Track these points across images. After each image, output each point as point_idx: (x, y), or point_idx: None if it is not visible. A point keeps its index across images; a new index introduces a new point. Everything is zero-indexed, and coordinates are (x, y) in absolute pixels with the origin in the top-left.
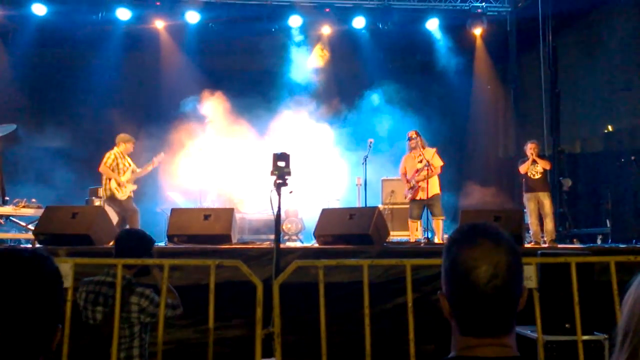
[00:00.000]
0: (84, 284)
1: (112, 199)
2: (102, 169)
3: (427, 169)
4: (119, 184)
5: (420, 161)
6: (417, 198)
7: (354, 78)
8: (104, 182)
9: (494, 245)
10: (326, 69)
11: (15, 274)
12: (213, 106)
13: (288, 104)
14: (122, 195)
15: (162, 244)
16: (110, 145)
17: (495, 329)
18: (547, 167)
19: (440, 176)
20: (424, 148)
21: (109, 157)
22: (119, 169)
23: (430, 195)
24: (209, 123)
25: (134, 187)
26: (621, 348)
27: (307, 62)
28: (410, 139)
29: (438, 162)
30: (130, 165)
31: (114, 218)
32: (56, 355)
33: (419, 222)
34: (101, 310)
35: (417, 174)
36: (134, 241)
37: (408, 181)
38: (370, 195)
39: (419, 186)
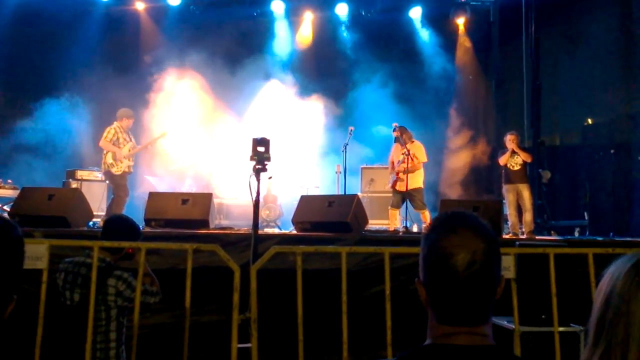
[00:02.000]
0: (63, 264)
1: (107, 174)
2: (102, 143)
3: (407, 158)
4: (115, 159)
5: (403, 153)
6: (397, 189)
7: (336, 65)
8: (103, 156)
9: (473, 233)
10: (308, 56)
11: None
12: (193, 89)
13: (268, 89)
14: (116, 170)
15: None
16: (88, 126)
17: (472, 318)
18: (528, 159)
19: (424, 169)
20: (412, 142)
21: (109, 131)
22: (119, 143)
23: (409, 188)
24: (188, 106)
25: (131, 162)
26: (595, 341)
27: (288, 48)
28: (395, 136)
29: (422, 157)
30: (130, 140)
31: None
32: (31, 336)
33: (398, 212)
34: (79, 291)
35: (397, 165)
36: (124, 228)
37: (393, 170)
38: (349, 183)
39: (398, 177)
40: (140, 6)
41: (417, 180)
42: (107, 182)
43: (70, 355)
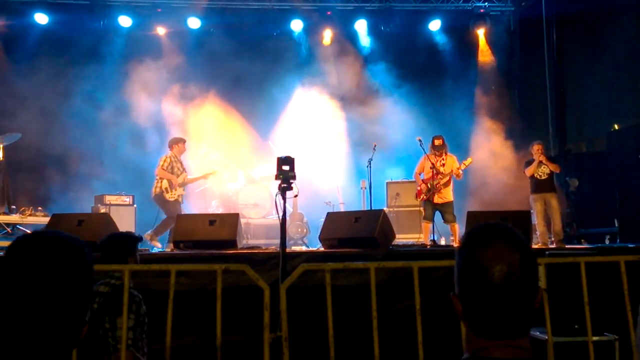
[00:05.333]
0: None
1: (159, 198)
2: (158, 171)
3: (449, 178)
4: (169, 186)
5: (443, 165)
6: (433, 201)
7: (357, 81)
8: (155, 180)
9: (508, 245)
10: (329, 72)
11: (65, 260)
12: (216, 110)
13: (291, 107)
14: (170, 196)
15: (167, 250)
16: (114, 152)
17: (511, 331)
18: (557, 170)
19: (453, 182)
20: (447, 154)
21: (165, 160)
22: (174, 172)
23: (444, 201)
24: (212, 127)
25: (183, 191)
26: None
27: (309, 66)
28: (437, 144)
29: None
30: (183, 170)
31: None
32: None
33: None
34: (95, 307)
35: (438, 177)
36: (116, 246)
37: (423, 181)
38: (374, 198)
39: (438, 189)
40: (161, 31)
41: (449, 193)
42: (159, 206)
43: None
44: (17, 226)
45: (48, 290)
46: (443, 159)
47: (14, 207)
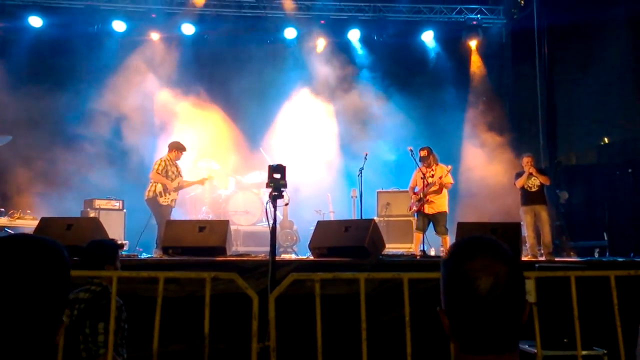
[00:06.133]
0: None
1: (153, 201)
2: (152, 175)
3: (438, 187)
4: (163, 190)
5: (432, 176)
6: (425, 212)
7: (349, 90)
8: (150, 184)
9: (494, 257)
10: (321, 81)
11: (42, 262)
12: (209, 117)
13: (283, 115)
14: (164, 200)
15: (156, 256)
16: (105, 157)
17: (497, 346)
18: (547, 182)
19: (447, 193)
20: (437, 164)
21: (160, 164)
22: (168, 176)
23: (436, 211)
24: (203, 133)
25: (176, 197)
26: None
27: (301, 74)
28: (422, 156)
29: (449, 180)
30: (178, 174)
31: None
32: None
33: (423, 234)
34: (69, 313)
35: (427, 188)
36: (94, 253)
37: (416, 194)
38: (365, 208)
39: (427, 199)
40: (155, 36)
41: (443, 203)
42: (151, 210)
43: None
44: (5, 229)
45: (21, 288)
46: (432, 170)
47: (3, 209)
